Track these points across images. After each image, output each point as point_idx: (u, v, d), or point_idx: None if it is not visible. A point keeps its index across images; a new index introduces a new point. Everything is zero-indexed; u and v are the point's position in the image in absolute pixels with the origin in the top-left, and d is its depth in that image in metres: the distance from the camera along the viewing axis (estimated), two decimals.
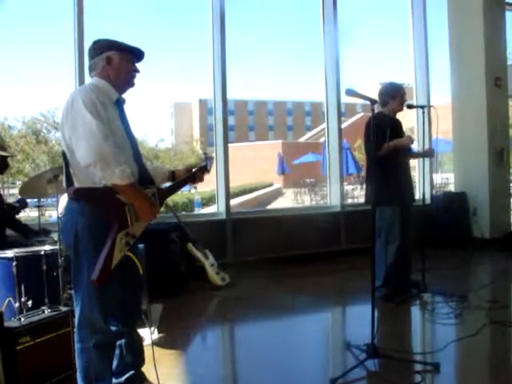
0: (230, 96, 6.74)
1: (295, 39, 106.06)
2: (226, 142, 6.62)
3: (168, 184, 2.97)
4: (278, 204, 22.36)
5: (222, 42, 6.55)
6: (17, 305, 3.26)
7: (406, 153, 4.83)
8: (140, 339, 2.88)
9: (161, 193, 2.75)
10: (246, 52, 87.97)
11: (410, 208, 4.84)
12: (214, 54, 6.59)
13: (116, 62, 2.60)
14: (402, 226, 4.66)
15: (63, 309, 3.19)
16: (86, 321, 2.51)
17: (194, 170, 3.10)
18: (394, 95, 4.73)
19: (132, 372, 2.77)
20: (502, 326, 3.92)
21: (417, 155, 5.99)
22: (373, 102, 3.37)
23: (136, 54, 2.71)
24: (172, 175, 3.00)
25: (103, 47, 2.62)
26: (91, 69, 2.66)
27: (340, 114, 7.42)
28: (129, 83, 2.70)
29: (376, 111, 3.54)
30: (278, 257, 6.50)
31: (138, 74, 2.73)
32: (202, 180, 3.10)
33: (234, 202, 11.02)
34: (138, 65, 2.73)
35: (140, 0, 68.54)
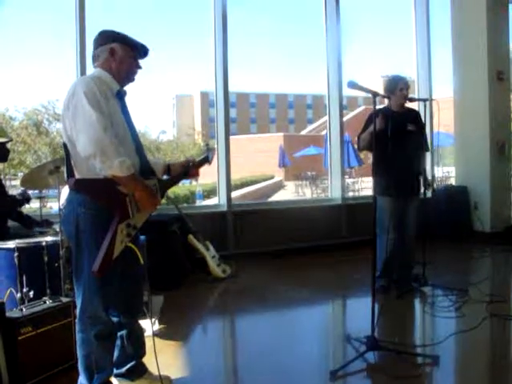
0: (231, 88, 6.74)
1: (297, 32, 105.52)
2: (227, 134, 6.62)
3: (165, 177, 2.94)
4: (278, 197, 22.31)
5: (224, 34, 6.53)
6: (18, 295, 3.26)
7: (403, 141, 4.54)
8: (141, 330, 2.90)
9: (162, 184, 2.75)
10: (248, 44, 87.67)
11: (411, 201, 4.78)
12: (216, 46, 6.58)
13: (119, 55, 2.60)
14: (401, 218, 4.64)
15: (64, 299, 3.21)
16: (87, 311, 2.53)
17: (195, 161, 3.02)
18: (391, 90, 4.67)
19: (133, 363, 2.79)
20: (502, 319, 3.93)
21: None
22: (374, 94, 3.36)
23: (140, 51, 2.70)
24: (168, 168, 2.92)
25: (108, 38, 2.61)
26: (94, 59, 2.65)
27: (342, 107, 7.40)
28: (129, 78, 2.68)
29: (382, 104, 3.52)
30: (279, 249, 6.51)
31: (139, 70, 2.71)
32: (197, 175, 3.03)
33: (235, 194, 11.02)
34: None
35: None
